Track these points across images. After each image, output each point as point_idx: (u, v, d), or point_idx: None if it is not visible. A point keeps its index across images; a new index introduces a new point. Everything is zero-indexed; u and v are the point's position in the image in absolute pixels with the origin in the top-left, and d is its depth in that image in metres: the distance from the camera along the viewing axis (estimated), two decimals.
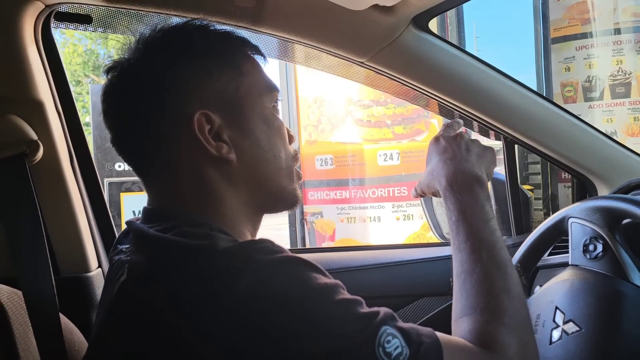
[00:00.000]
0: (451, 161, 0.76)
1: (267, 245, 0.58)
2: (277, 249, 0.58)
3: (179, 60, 0.67)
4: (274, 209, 0.74)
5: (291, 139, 0.76)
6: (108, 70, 0.71)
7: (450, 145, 0.78)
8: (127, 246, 0.68)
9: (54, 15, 1.04)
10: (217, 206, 0.67)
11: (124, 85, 0.69)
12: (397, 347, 0.55)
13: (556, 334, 0.88)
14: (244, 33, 0.79)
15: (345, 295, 0.57)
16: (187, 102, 0.66)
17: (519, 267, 0.70)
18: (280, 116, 0.76)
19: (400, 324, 0.58)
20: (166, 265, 0.58)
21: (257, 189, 0.70)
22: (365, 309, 0.57)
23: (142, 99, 0.67)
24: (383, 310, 0.58)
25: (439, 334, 0.59)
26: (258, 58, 0.74)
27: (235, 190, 0.68)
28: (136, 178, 0.73)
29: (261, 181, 0.70)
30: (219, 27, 0.73)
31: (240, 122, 0.69)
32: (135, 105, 0.67)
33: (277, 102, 0.75)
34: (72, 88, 1.10)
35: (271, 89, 0.73)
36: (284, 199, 0.74)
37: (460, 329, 0.64)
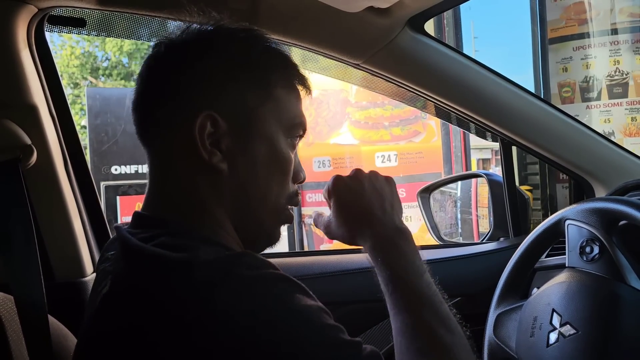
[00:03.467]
0: (369, 218, 0.72)
1: (249, 260, 0.56)
2: (259, 264, 0.56)
3: (211, 59, 0.67)
4: (250, 241, 0.69)
5: (296, 177, 0.73)
6: (160, 44, 0.70)
7: (362, 193, 0.73)
8: (112, 253, 0.67)
9: (47, 19, 1.04)
10: (204, 214, 0.66)
11: (158, 60, 0.68)
12: None
13: (553, 337, 0.87)
14: None
15: (328, 321, 0.55)
16: (200, 100, 0.65)
17: (459, 316, 0.69)
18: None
19: None
20: (145, 279, 0.57)
21: (241, 211, 0.68)
22: (346, 337, 0.55)
23: (165, 80, 0.67)
24: (370, 348, 0.56)
25: None
26: (302, 90, 0.72)
27: (220, 202, 0.66)
28: (132, 181, 0.72)
29: (244, 207, 0.68)
30: (274, 45, 0.71)
31: (244, 138, 0.66)
32: (158, 82, 0.67)
33: (297, 138, 0.72)
34: (69, 90, 1.09)
35: (294, 124, 0.71)
36: (260, 235, 0.70)
37: None
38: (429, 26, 1.17)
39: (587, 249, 0.92)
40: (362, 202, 0.73)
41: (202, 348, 0.51)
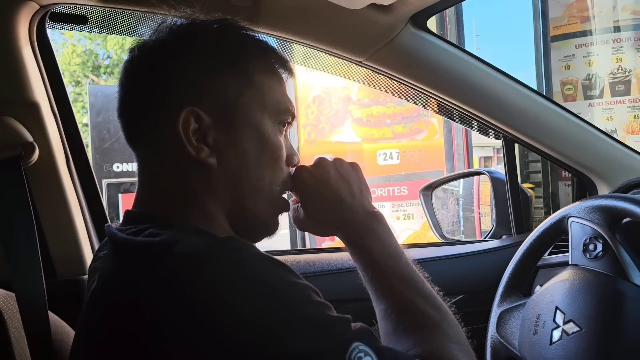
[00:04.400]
0: (339, 205, 0.71)
1: (232, 243, 0.56)
2: (243, 246, 0.56)
3: (188, 53, 0.66)
4: (247, 232, 0.68)
5: (290, 160, 0.72)
6: (132, 49, 0.69)
7: (328, 181, 0.72)
8: (104, 252, 0.67)
9: (49, 16, 1.04)
10: (195, 208, 0.65)
11: (135, 63, 0.68)
12: None
13: (556, 334, 0.87)
14: None
15: (316, 297, 0.55)
16: (180, 96, 0.65)
17: (442, 292, 0.69)
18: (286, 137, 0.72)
19: (378, 343, 0.55)
20: (131, 268, 0.57)
21: (236, 202, 0.67)
22: (334, 314, 0.55)
23: (143, 82, 0.66)
24: (359, 325, 0.56)
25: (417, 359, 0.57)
26: (284, 74, 0.71)
27: (213, 197, 0.66)
28: (134, 179, 0.72)
29: (237, 198, 0.67)
30: (248, 33, 0.70)
31: (230, 129, 0.66)
32: (135, 85, 0.67)
33: (285, 123, 0.71)
34: (71, 88, 1.09)
35: (280, 108, 0.70)
36: (257, 225, 0.69)
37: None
38: (431, 24, 1.17)
39: (591, 247, 0.92)
40: (330, 190, 0.72)
41: (189, 331, 0.51)
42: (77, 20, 1.06)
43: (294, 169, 0.73)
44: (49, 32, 1.07)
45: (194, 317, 0.51)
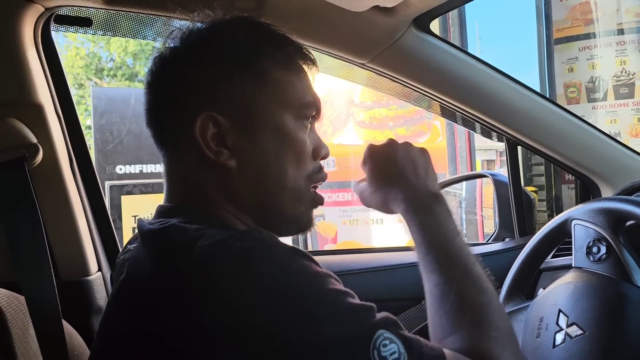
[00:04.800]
0: (402, 182, 0.72)
1: (255, 234, 0.56)
2: (266, 236, 0.56)
3: (201, 58, 0.66)
4: (277, 230, 0.67)
5: (317, 153, 0.72)
6: (155, 58, 0.70)
7: (395, 159, 0.73)
8: (134, 245, 0.68)
9: (53, 18, 1.04)
10: (218, 208, 0.66)
11: (158, 68, 0.69)
12: (394, 352, 0.52)
13: (559, 337, 0.87)
14: None
15: (338, 286, 0.55)
16: (198, 100, 0.65)
17: (494, 278, 0.69)
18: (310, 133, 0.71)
19: (403, 332, 0.55)
20: (158, 261, 0.58)
21: (258, 207, 0.67)
22: (357, 301, 0.55)
23: (163, 87, 0.68)
24: (385, 314, 0.56)
25: (447, 351, 0.57)
26: (307, 66, 0.71)
27: (234, 200, 0.66)
28: (137, 181, 0.73)
29: (262, 198, 0.67)
30: (266, 28, 0.70)
31: (249, 129, 0.66)
32: (157, 90, 0.69)
33: (308, 116, 0.70)
34: (74, 91, 1.10)
35: (302, 104, 0.69)
36: (285, 222, 0.70)
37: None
38: (434, 26, 1.17)
39: (594, 249, 0.91)
40: (396, 167, 0.73)
41: (216, 320, 0.51)
42: (81, 22, 1.07)
43: (324, 161, 0.74)
44: (53, 34, 1.07)
45: (220, 306, 0.51)
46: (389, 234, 3.55)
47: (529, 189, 3.45)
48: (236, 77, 0.66)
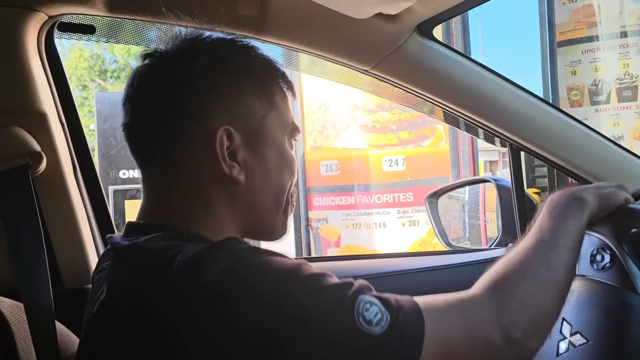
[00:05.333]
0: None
1: (231, 242, 0.59)
2: (240, 244, 0.59)
3: (219, 72, 0.68)
4: (261, 237, 0.75)
5: (294, 176, 0.77)
6: (146, 56, 0.70)
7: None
8: (107, 263, 0.68)
9: (57, 26, 1.04)
10: (209, 220, 0.67)
11: (159, 75, 0.69)
12: (376, 313, 0.55)
13: (563, 346, 0.87)
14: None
15: (312, 270, 0.58)
16: (215, 114, 0.66)
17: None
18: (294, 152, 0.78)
19: (376, 293, 0.58)
20: (138, 279, 0.59)
21: (253, 215, 0.71)
22: (335, 280, 0.58)
23: (173, 96, 0.67)
24: (358, 281, 0.59)
25: (418, 297, 0.60)
26: (289, 94, 0.75)
27: (231, 211, 0.69)
28: (141, 186, 0.73)
29: (259, 208, 0.71)
30: (263, 53, 0.74)
31: (258, 148, 0.69)
32: (164, 98, 0.67)
33: (295, 138, 0.76)
34: (78, 93, 1.10)
35: (293, 127, 0.75)
36: (271, 230, 0.74)
37: (485, 276, 0.65)
38: (437, 30, 1.17)
39: (598, 258, 0.91)
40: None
41: (202, 331, 0.53)
42: (85, 30, 1.07)
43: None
44: (67, 36, 1.08)
45: (206, 316, 0.53)
46: (392, 237, 3.55)
47: (532, 191, 3.45)
48: (251, 96, 0.69)
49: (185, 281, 0.55)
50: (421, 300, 0.59)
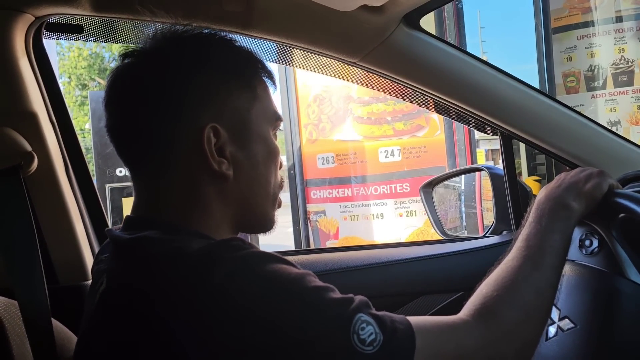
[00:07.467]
0: (550, 190, 0.81)
1: (236, 243, 0.59)
2: (246, 246, 0.59)
3: (203, 69, 0.68)
4: (252, 229, 0.76)
5: (280, 166, 0.77)
6: (125, 56, 0.70)
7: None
8: (106, 255, 0.69)
9: (45, 27, 1.05)
10: (203, 215, 0.68)
11: (140, 75, 0.68)
12: (371, 333, 0.56)
13: (552, 330, 0.87)
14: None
15: (316, 282, 0.59)
16: (201, 112, 0.66)
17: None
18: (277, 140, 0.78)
19: (374, 311, 0.59)
20: (140, 272, 0.59)
21: (243, 209, 0.71)
22: (337, 295, 0.58)
23: (156, 96, 0.66)
24: (358, 297, 0.59)
25: (412, 318, 0.61)
26: (269, 84, 0.75)
27: (223, 206, 0.69)
28: None
29: (249, 201, 0.71)
30: (241, 45, 0.73)
31: (244, 143, 0.69)
32: (148, 98, 0.67)
33: (277, 128, 0.76)
34: (78, 92, 1.10)
35: (276, 117, 0.75)
36: (263, 222, 0.75)
37: (472, 300, 0.67)
38: (429, 20, 1.17)
39: (587, 242, 0.92)
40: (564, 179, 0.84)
41: (202, 331, 0.54)
42: (72, 29, 1.07)
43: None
44: (55, 36, 1.08)
45: (206, 313, 0.54)
46: (389, 228, 3.56)
47: (532, 178, 3.45)
48: (234, 90, 0.69)
49: (189, 278, 0.56)
50: (415, 322, 0.60)
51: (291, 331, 0.55)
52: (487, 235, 1.55)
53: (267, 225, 0.75)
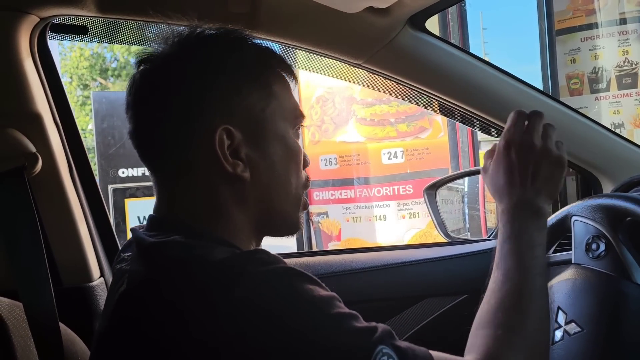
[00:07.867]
0: (514, 190, 0.74)
1: (262, 257, 0.58)
2: (272, 260, 0.58)
3: (211, 71, 0.67)
4: (275, 233, 0.73)
5: (306, 163, 0.75)
6: (140, 62, 0.70)
7: (519, 166, 0.75)
8: (129, 254, 0.68)
9: (49, 28, 1.05)
10: (222, 220, 0.67)
11: (153, 80, 0.68)
12: None
13: (558, 335, 0.87)
14: None
15: (341, 309, 0.57)
16: (211, 114, 0.66)
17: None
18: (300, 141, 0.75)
19: (397, 342, 0.57)
20: (163, 276, 0.59)
21: (264, 211, 0.70)
22: (361, 324, 0.57)
23: (169, 100, 0.66)
24: (381, 327, 0.58)
25: (434, 354, 0.59)
26: (289, 79, 0.73)
27: (242, 208, 0.68)
28: (140, 184, 0.73)
29: (269, 203, 0.70)
30: (257, 42, 0.72)
31: (260, 143, 0.68)
32: (161, 103, 0.67)
33: (300, 126, 0.74)
34: (79, 92, 1.10)
35: (296, 115, 0.73)
36: (285, 225, 0.73)
37: (474, 342, 0.65)
38: (434, 20, 1.17)
39: (594, 246, 0.91)
40: (511, 170, 0.75)
41: (221, 342, 0.53)
42: (77, 30, 1.07)
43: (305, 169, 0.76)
44: (60, 37, 1.08)
45: (227, 327, 0.53)
46: (392, 230, 3.56)
47: None
48: (248, 90, 0.68)
49: (211, 289, 0.55)
50: (436, 356, 0.59)
51: (306, 357, 0.53)
52: (490, 237, 1.54)
53: (291, 228, 0.73)
